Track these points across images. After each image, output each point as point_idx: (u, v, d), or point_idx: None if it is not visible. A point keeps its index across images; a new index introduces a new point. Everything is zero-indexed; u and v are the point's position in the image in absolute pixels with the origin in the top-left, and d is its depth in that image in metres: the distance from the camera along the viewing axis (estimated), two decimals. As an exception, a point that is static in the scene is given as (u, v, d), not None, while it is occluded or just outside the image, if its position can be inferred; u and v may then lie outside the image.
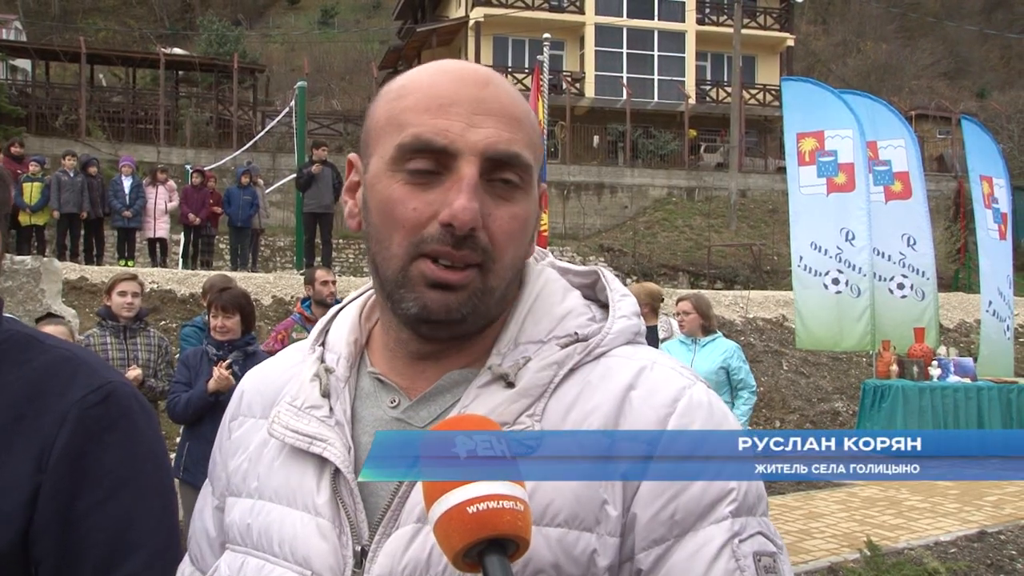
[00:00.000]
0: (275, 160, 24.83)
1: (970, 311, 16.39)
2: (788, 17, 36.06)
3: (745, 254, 24.24)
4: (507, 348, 1.02)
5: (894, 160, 12.07)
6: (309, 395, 1.06)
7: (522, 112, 1.01)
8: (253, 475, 1.07)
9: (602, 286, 1.12)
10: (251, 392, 1.17)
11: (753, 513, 0.97)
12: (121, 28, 43.37)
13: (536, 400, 0.98)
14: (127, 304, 5.66)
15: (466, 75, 1.00)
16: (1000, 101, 38.09)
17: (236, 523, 1.07)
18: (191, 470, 5.07)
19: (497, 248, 0.98)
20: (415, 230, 0.97)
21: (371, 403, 1.05)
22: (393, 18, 43.12)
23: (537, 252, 1.14)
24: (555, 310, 1.05)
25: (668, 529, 0.94)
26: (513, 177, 0.98)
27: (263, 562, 1.02)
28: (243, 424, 1.15)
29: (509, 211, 0.98)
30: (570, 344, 1.02)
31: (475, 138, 0.96)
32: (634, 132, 30.81)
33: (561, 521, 0.93)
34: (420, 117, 0.98)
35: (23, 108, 26.01)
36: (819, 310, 11.40)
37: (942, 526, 7.45)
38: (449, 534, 0.81)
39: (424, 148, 0.97)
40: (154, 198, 15.03)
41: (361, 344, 1.11)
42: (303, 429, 1.03)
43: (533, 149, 1.01)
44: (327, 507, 0.99)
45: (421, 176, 0.97)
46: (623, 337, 1.05)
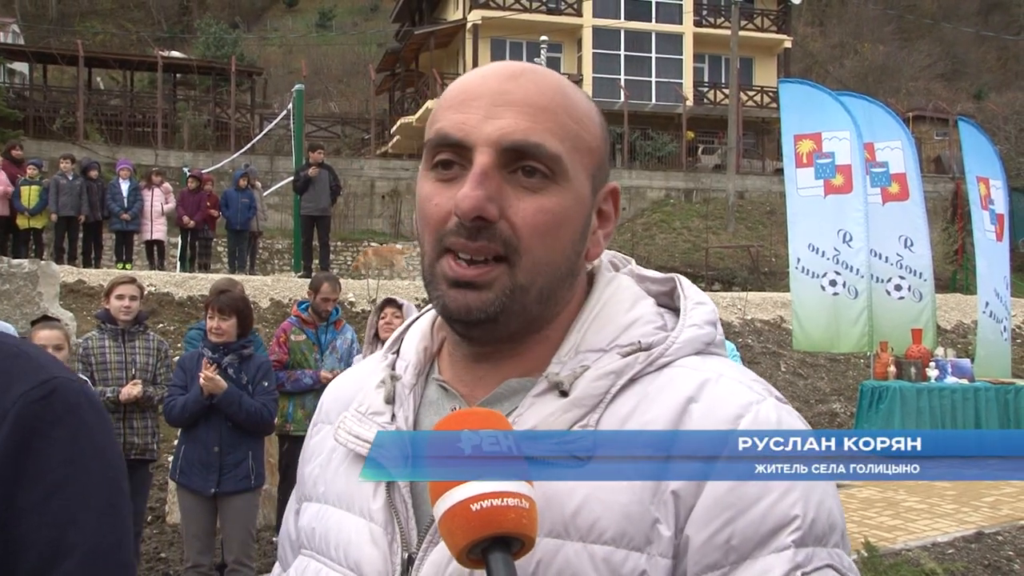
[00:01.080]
0: (273, 163, 24.83)
1: (968, 312, 16.40)
2: (785, 19, 36.10)
3: (743, 256, 24.26)
4: (567, 357, 0.99)
5: (891, 162, 12.09)
6: (373, 401, 1.06)
7: (553, 102, 0.97)
8: (322, 480, 1.09)
9: (679, 293, 1.07)
10: (330, 400, 1.17)
11: (823, 544, 0.89)
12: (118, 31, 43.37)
13: (590, 411, 0.94)
14: (125, 307, 5.65)
15: (498, 70, 0.99)
16: (997, 102, 38.16)
17: (305, 527, 1.09)
18: (186, 472, 5.07)
19: (522, 241, 0.94)
20: (439, 225, 0.96)
21: (434, 411, 1.04)
22: (391, 20, 43.12)
23: (619, 259, 1.12)
24: (621, 318, 1.01)
25: (724, 555, 0.88)
26: (538, 166, 0.95)
27: (321, 565, 1.03)
28: (320, 430, 1.15)
29: (536, 203, 0.95)
30: (632, 353, 0.98)
31: (489, 129, 0.95)
32: (632, 134, 30.84)
33: (608, 539, 0.89)
34: (446, 113, 0.98)
35: (21, 111, 26.03)
36: (817, 312, 11.41)
37: (939, 527, 7.46)
38: (453, 531, 0.81)
39: (443, 143, 0.97)
40: (151, 201, 15.03)
41: (432, 352, 1.10)
42: (364, 435, 1.02)
43: (568, 140, 0.97)
44: (381, 513, 0.99)
45: (446, 171, 0.97)
46: (691, 347, 1.00)
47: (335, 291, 6.61)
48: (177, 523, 6.15)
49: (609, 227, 1.06)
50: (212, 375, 4.90)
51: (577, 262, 1.02)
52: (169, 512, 6.86)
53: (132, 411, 5.57)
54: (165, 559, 6.33)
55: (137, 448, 5.61)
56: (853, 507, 8.17)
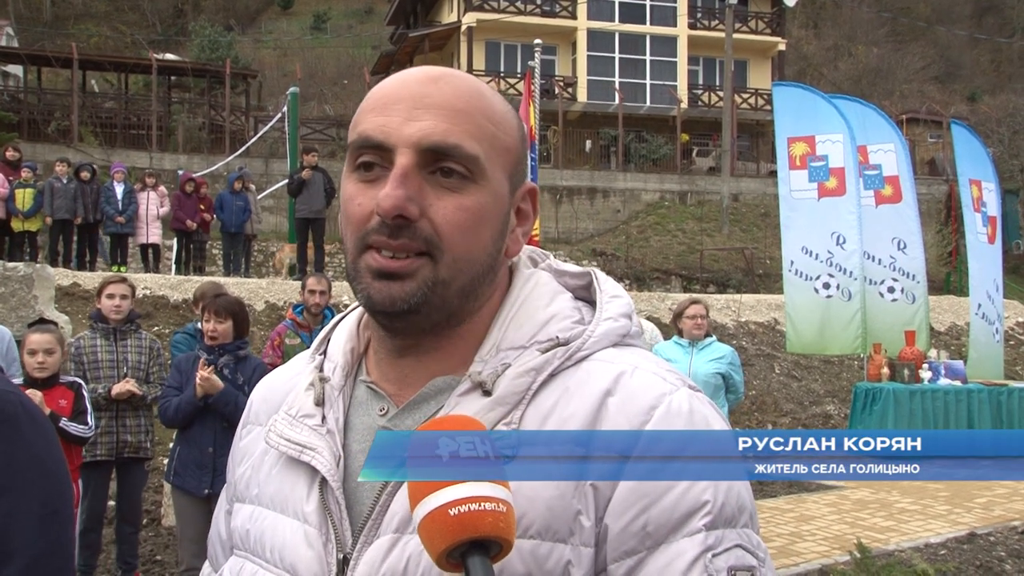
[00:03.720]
0: (268, 165, 24.81)
1: (961, 314, 16.45)
2: (780, 21, 36.17)
3: (737, 258, 24.30)
4: (489, 355, 1.01)
5: (884, 164, 12.13)
6: (303, 404, 1.07)
7: (470, 104, 1.00)
8: (255, 482, 1.10)
9: (595, 287, 1.09)
10: (259, 401, 1.19)
11: (732, 525, 0.93)
12: (113, 34, 43.28)
13: (513, 408, 0.97)
14: (115, 307, 5.66)
15: (417, 74, 1.02)
16: (990, 105, 38.28)
17: (238, 528, 1.10)
18: (181, 474, 5.08)
19: (444, 238, 0.97)
20: (361, 224, 0.99)
21: (363, 411, 1.06)
22: (385, 23, 43.10)
23: (538, 254, 1.14)
24: (539, 315, 1.03)
25: (640, 541, 0.92)
26: (456, 167, 0.97)
27: (257, 567, 1.05)
28: (251, 432, 1.17)
29: (455, 202, 0.97)
30: (551, 349, 1.00)
31: (409, 131, 0.97)
32: (626, 136, 30.86)
33: (534, 533, 0.92)
34: (367, 116, 1.00)
35: (15, 114, 25.98)
36: (810, 314, 11.44)
37: (932, 528, 7.49)
38: (432, 536, 0.82)
39: (365, 144, 0.99)
40: (145, 204, 15.00)
41: (359, 352, 1.11)
42: (295, 438, 1.04)
43: (485, 141, 0.99)
44: (315, 515, 1.01)
45: (368, 172, 0.99)
46: (607, 340, 1.03)
47: (320, 282, 6.63)
48: (173, 526, 6.15)
49: (527, 225, 1.08)
50: (209, 375, 4.91)
51: (497, 258, 1.04)
52: (165, 515, 6.85)
53: (125, 409, 5.57)
54: (161, 562, 6.33)
55: (131, 446, 5.61)
56: (846, 508, 8.20)
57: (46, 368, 4.97)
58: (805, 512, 8.03)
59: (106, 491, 5.70)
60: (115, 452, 5.56)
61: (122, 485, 5.76)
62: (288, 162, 17.67)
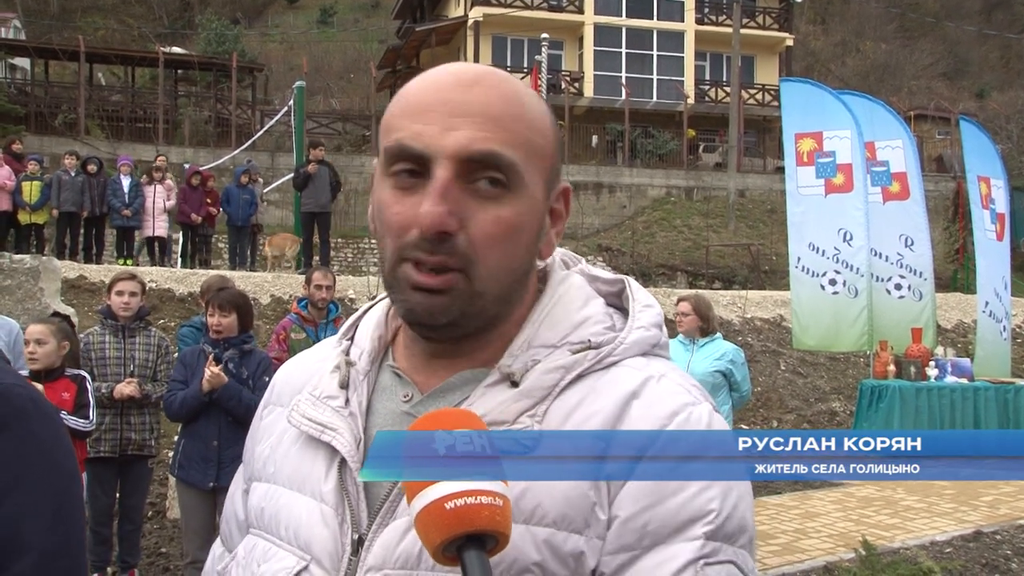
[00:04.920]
0: (274, 159, 24.83)
1: (968, 311, 16.40)
2: (787, 17, 36.07)
3: (743, 254, 24.26)
4: (520, 351, 1.02)
5: (892, 161, 12.09)
6: (328, 386, 1.08)
7: (507, 111, 0.98)
8: (272, 461, 1.11)
9: (628, 295, 1.11)
10: (281, 383, 1.20)
11: (731, 542, 0.94)
12: (120, 27, 43.33)
13: (539, 402, 0.98)
14: (124, 303, 5.65)
15: (452, 77, 1.00)
16: (999, 101, 38.13)
17: (254, 507, 1.11)
18: (185, 467, 5.09)
19: (478, 253, 0.97)
20: (400, 235, 0.98)
21: (387, 397, 1.07)
22: (392, 17, 43.09)
23: (570, 257, 1.15)
24: (573, 316, 1.05)
25: (638, 538, 0.93)
26: (496, 175, 0.97)
27: (270, 545, 1.05)
28: (272, 412, 1.18)
29: (494, 213, 0.97)
30: (582, 351, 1.02)
31: (447, 141, 0.95)
32: (633, 132, 30.82)
33: (550, 522, 0.93)
34: (403, 122, 0.99)
35: (22, 107, 26.01)
36: (816, 311, 11.41)
37: (938, 526, 7.47)
38: (428, 529, 0.82)
39: (402, 154, 0.98)
40: (152, 197, 15.02)
41: (386, 340, 1.13)
42: (317, 418, 1.06)
43: (521, 147, 0.98)
44: (332, 495, 1.01)
45: (406, 180, 0.98)
46: (637, 348, 1.04)
47: (326, 277, 6.63)
48: (177, 518, 6.16)
49: (560, 225, 1.09)
50: (217, 372, 4.92)
51: (532, 263, 1.06)
52: (169, 507, 6.87)
53: (130, 408, 5.56)
54: (166, 554, 6.35)
55: (134, 444, 5.60)
56: (851, 505, 8.18)
57: (37, 359, 4.95)
58: (810, 509, 8.02)
59: (114, 487, 5.69)
60: (119, 449, 5.55)
61: (125, 483, 5.74)
62: (294, 156, 17.67)
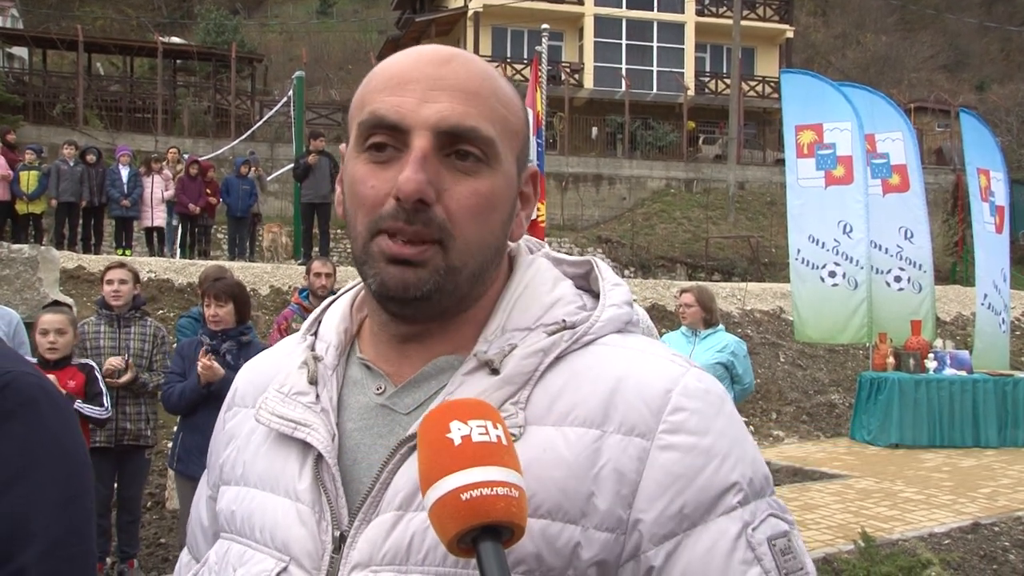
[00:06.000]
0: (273, 150, 24.77)
1: (967, 304, 16.41)
2: (788, 9, 35.98)
3: (743, 246, 24.24)
4: (494, 335, 1.01)
5: (892, 153, 12.10)
6: (296, 382, 1.06)
7: (483, 87, 0.99)
8: (240, 462, 1.08)
9: (595, 276, 1.11)
10: (244, 383, 1.18)
11: (761, 496, 0.97)
12: (118, 16, 43.20)
13: (521, 388, 0.97)
14: (114, 292, 5.62)
15: (427, 54, 1.00)
16: (999, 94, 38.06)
17: (224, 511, 1.08)
18: (184, 460, 5.08)
19: (455, 224, 0.96)
20: (374, 208, 0.97)
21: (358, 390, 1.05)
22: (392, 8, 42.96)
23: (533, 243, 1.14)
24: (544, 298, 1.04)
25: (677, 523, 0.93)
26: (472, 150, 0.97)
27: (244, 548, 1.03)
28: (236, 415, 1.15)
29: (470, 186, 0.97)
30: (557, 332, 1.01)
31: (427, 113, 0.96)
32: (633, 123, 30.76)
33: (544, 513, 0.92)
34: (379, 96, 0.98)
35: (20, 96, 25.90)
36: (816, 303, 11.42)
37: (936, 518, 7.49)
38: (443, 520, 0.81)
39: (379, 124, 0.97)
40: (150, 187, 15.00)
41: (352, 333, 1.11)
42: (288, 415, 1.03)
43: (498, 124, 0.99)
44: (308, 493, 0.99)
45: (380, 154, 0.97)
46: (612, 325, 1.04)
47: (325, 265, 6.63)
48: (177, 509, 6.17)
49: (529, 208, 1.09)
50: (210, 363, 4.90)
51: (504, 242, 1.05)
52: (169, 498, 6.88)
53: (125, 397, 5.53)
54: (165, 544, 6.36)
55: (130, 434, 5.58)
56: (850, 497, 8.20)
57: (57, 349, 4.97)
58: (809, 501, 8.03)
59: (112, 478, 5.67)
60: (114, 440, 5.52)
61: (122, 474, 5.71)
62: (293, 147, 17.65)
